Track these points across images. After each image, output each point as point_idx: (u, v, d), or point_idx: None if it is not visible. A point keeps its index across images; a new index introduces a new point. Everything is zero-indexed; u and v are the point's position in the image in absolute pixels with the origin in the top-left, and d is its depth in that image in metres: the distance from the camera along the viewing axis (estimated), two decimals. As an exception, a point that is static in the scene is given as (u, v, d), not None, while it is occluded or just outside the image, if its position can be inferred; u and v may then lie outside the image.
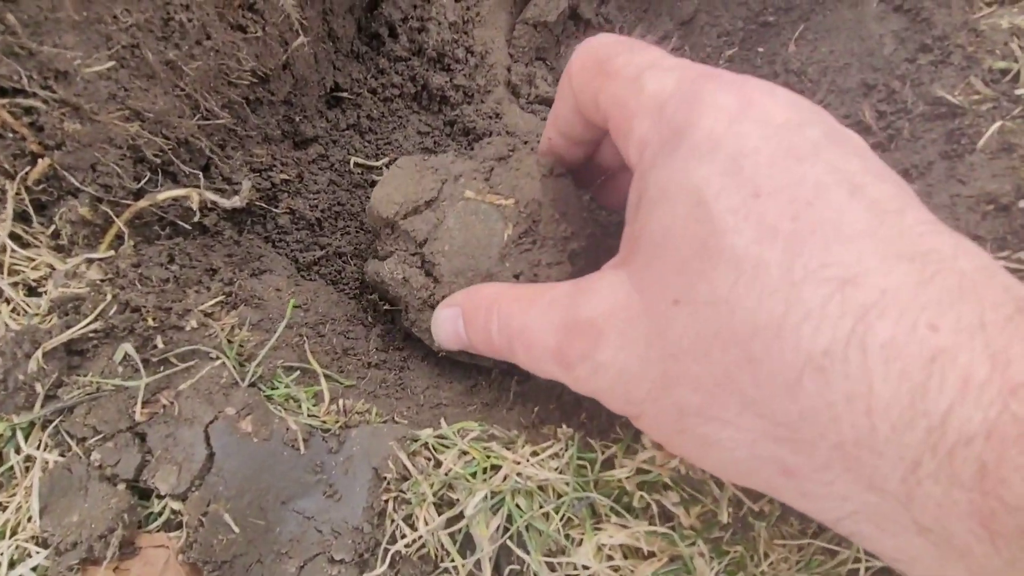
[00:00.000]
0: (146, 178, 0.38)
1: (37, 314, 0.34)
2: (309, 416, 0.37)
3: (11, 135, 0.31)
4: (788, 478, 0.25)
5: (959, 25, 0.45)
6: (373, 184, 0.58)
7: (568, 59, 0.72)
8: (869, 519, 0.23)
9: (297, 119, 0.54)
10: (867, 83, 0.50)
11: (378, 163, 0.58)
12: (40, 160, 0.32)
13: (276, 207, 0.49)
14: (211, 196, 0.39)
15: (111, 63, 0.34)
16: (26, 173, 0.32)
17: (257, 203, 0.47)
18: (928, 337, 0.20)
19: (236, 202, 0.40)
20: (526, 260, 0.44)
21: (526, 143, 0.60)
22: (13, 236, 0.34)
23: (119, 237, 0.36)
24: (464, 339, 0.38)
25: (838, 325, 0.21)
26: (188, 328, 0.36)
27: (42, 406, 0.32)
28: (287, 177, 0.50)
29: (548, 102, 0.65)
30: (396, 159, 0.59)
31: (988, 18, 0.45)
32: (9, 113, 0.30)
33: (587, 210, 0.49)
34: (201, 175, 0.42)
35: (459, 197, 0.46)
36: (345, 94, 0.59)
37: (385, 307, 0.52)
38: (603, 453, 0.35)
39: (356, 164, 0.57)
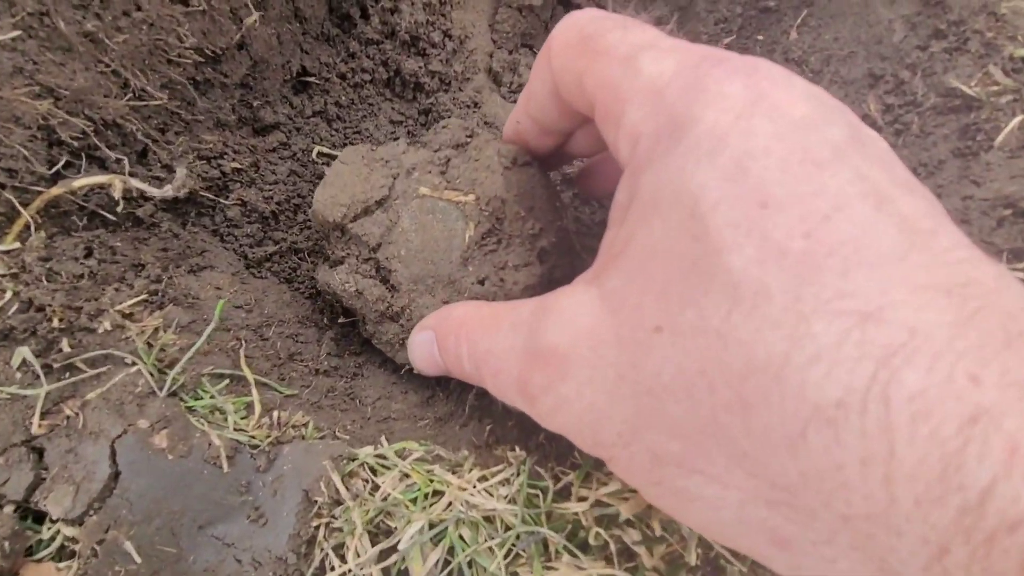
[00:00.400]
0: (63, 162, 0.34)
1: (-70, 311, 0.30)
2: (236, 430, 0.33)
3: None
4: (781, 549, 0.21)
5: (977, 9, 0.40)
6: (339, 175, 0.54)
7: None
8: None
9: (256, 104, 0.51)
10: (873, 73, 0.45)
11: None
12: (-76, 139, 0.28)
13: (226, 198, 0.45)
14: (137, 184, 0.35)
15: (15, 32, 0.30)
16: (-91, 153, 0.28)
17: (204, 193, 0.43)
18: (967, 391, 0.16)
19: (168, 191, 0.37)
20: (491, 263, 0.40)
21: (488, 125, 0.56)
22: (-96, 224, 0.30)
23: (27, 228, 0.33)
24: (441, 365, 0.34)
25: (855, 370, 0.17)
26: (101, 330, 0.32)
27: (-76, 415, 0.29)
28: (239, 166, 0.46)
29: (532, 92, 0.61)
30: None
31: (1010, 1, 0.40)
32: None
33: (556, 202, 0.44)
34: (137, 163, 0.39)
35: (413, 195, 0.41)
36: (313, 79, 0.55)
37: (342, 308, 0.49)
38: (559, 480, 0.31)
39: (320, 154, 0.53)
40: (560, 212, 0.45)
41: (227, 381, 0.35)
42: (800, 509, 0.19)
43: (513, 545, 0.30)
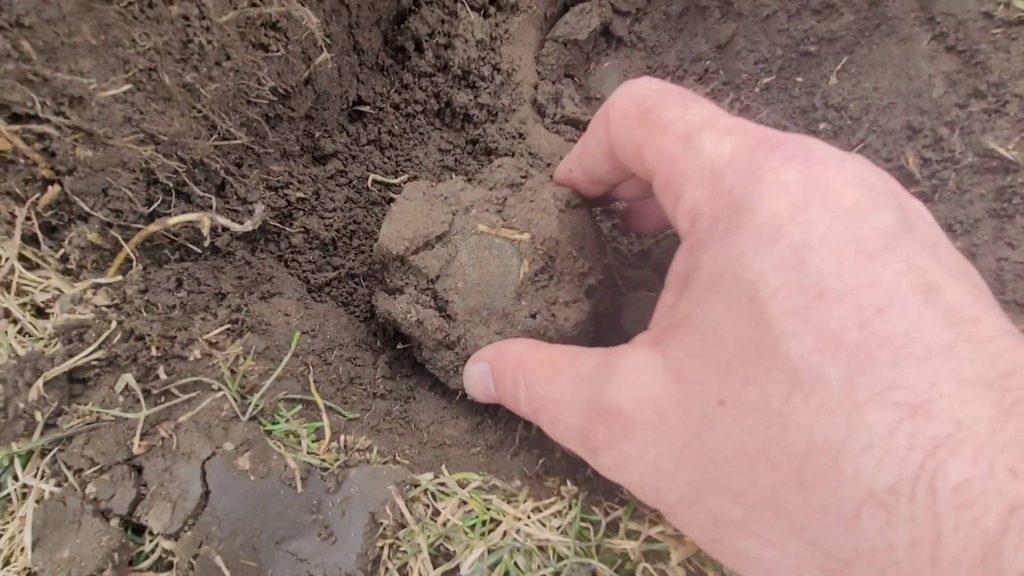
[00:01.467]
0: (159, 200, 0.37)
1: (42, 338, 0.34)
2: (308, 453, 0.36)
3: (23, 161, 0.31)
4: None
5: (1018, 73, 0.42)
6: (390, 201, 0.57)
7: (598, 76, 0.69)
8: None
9: (317, 134, 0.54)
10: (912, 126, 0.47)
11: (396, 180, 0.57)
12: (51, 187, 0.31)
13: (290, 226, 0.48)
14: (222, 221, 0.38)
15: (127, 86, 0.33)
16: (36, 198, 0.32)
17: (271, 222, 0.46)
18: (1007, 483, 0.18)
19: (248, 226, 0.40)
20: (543, 298, 0.43)
21: (543, 162, 0.58)
22: (21, 258, 0.34)
23: (128, 261, 0.36)
24: (494, 396, 0.37)
25: (906, 460, 0.19)
26: (191, 358, 0.35)
27: (41, 435, 0.32)
28: (303, 195, 0.49)
29: (574, 122, 0.63)
30: (415, 176, 0.58)
31: (1051, 67, 0.42)
32: (22, 139, 0.30)
33: (602, 240, 0.47)
34: (215, 196, 0.42)
35: (471, 231, 0.44)
36: (367, 108, 0.58)
37: (394, 331, 0.51)
38: (608, 515, 0.34)
39: (375, 181, 0.56)
40: (605, 250, 0.47)
41: (299, 406, 0.38)
42: None
43: (566, 575, 0.32)
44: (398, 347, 0.49)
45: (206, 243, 0.38)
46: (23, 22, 0.28)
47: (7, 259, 0.33)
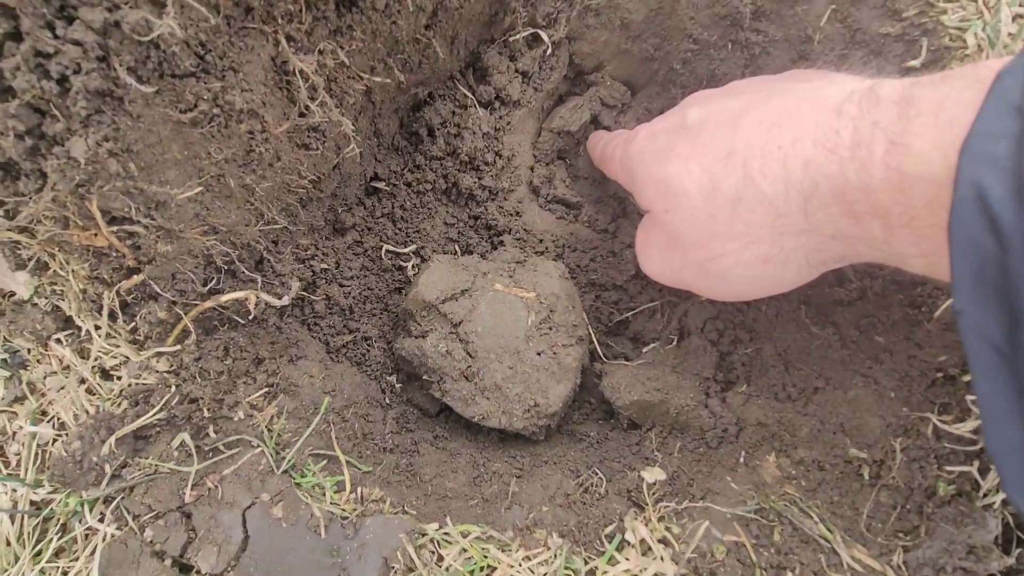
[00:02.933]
0: (213, 280, 0.43)
1: (109, 398, 0.39)
2: (331, 504, 0.42)
3: (115, 254, 0.37)
4: (767, 263, 0.38)
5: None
6: (399, 268, 0.64)
7: (587, 158, 0.77)
8: (812, 248, 0.37)
9: (339, 209, 0.61)
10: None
11: (406, 249, 0.64)
12: (135, 275, 0.37)
13: (314, 294, 0.55)
14: (266, 297, 0.44)
15: (200, 188, 0.40)
16: (121, 284, 0.38)
17: (300, 292, 0.53)
18: (777, 153, 0.35)
19: (285, 300, 0.46)
20: (546, 342, 0.54)
21: (536, 237, 0.66)
22: (96, 328, 0.39)
23: (185, 332, 0.42)
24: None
25: (734, 176, 0.37)
26: (236, 418, 0.41)
27: (108, 484, 0.37)
28: (326, 266, 0.56)
29: (564, 202, 0.71)
30: (422, 247, 0.65)
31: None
32: (116, 237, 0.36)
33: (585, 306, 0.60)
34: (253, 268, 0.48)
35: (489, 289, 0.55)
36: (383, 185, 0.65)
37: (400, 386, 0.58)
38: (587, 563, 0.40)
39: (387, 251, 0.63)
40: (585, 316, 0.60)
41: (324, 461, 0.44)
42: (758, 237, 0.37)
43: (550, 614, 0.38)
44: (400, 388, 0.57)
45: (251, 316, 0.44)
46: (132, 148, 0.35)
47: (86, 330, 0.39)
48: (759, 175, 0.36)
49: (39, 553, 0.36)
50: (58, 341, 0.40)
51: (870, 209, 0.31)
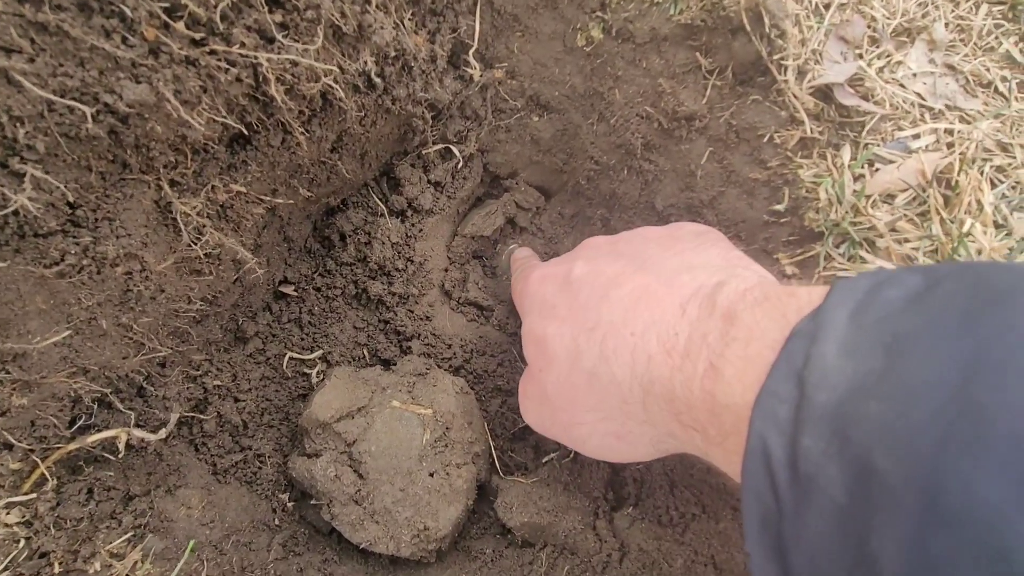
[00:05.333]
0: (81, 419, 0.42)
1: (-50, 556, 0.37)
2: (192, 658, 0.40)
3: (-39, 411, 0.36)
4: (619, 439, 0.40)
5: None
6: (303, 375, 0.64)
7: (504, 257, 0.79)
8: (654, 439, 0.38)
9: (241, 319, 0.60)
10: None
11: (311, 355, 0.64)
12: (-17, 431, 0.36)
13: (205, 412, 0.54)
14: (139, 434, 0.44)
15: (67, 333, 0.40)
16: (-32, 439, 0.36)
17: (187, 413, 0.52)
18: (629, 340, 0.36)
19: (162, 434, 0.45)
20: (439, 461, 0.54)
21: (444, 343, 0.67)
22: (-57, 481, 0.38)
23: (43, 478, 0.40)
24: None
25: (593, 352, 0.39)
26: (91, 571, 0.40)
27: (-66, 657, 0.35)
28: (220, 382, 0.55)
29: (476, 305, 0.73)
30: (329, 351, 0.65)
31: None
32: (-36, 395, 0.35)
33: (485, 421, 0.61)
34: (134, 396, 0.47)
35: (386, 405, 0.56)
36: (291, 290, 0.65)
37: (291, 505, 0.57)
38: None
39: (291, 358, 0.63)
40: (486, 429, 0.61)
41: (189, 608, 0.42)
42: (609, 415, 0.39)
43: None
44: (292, 507, 0.56)
45: (120, 455, 0.43)
46: (-16, 309, 0.34)
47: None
48: (612, 356, 0.37)
49: None
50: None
51: (692, 423, 0.32)
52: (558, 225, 0.80)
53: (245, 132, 0.45)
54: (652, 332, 0.35)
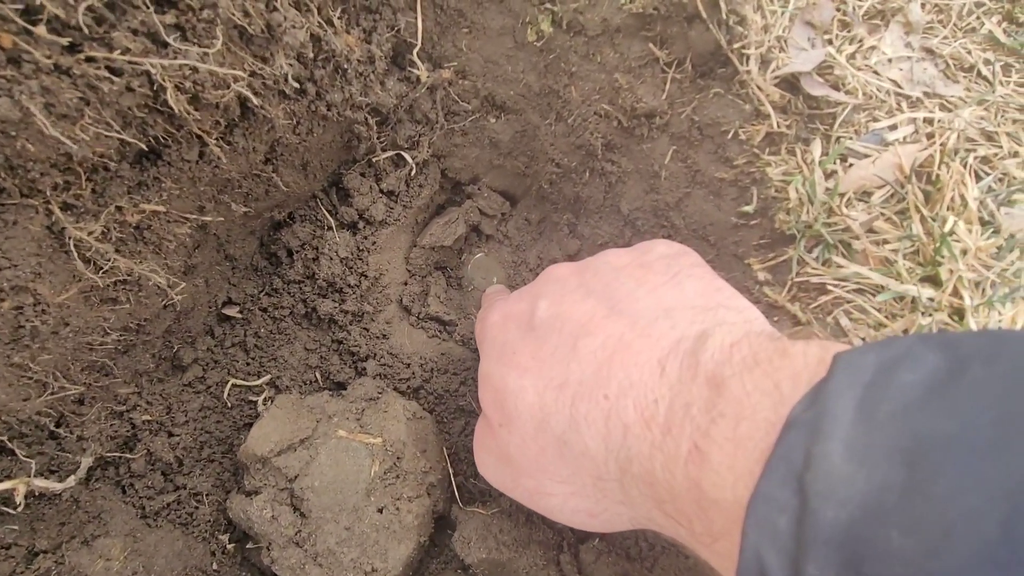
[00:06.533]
0: (-28, 471, 0.38)
1: None
2: None
3: None
4: (593, 517, 0.35)
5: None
6: (249, 403, 0.59)
7: (470, 267, 0.75)
8: (634, 521, 0.34)
9: (176, 346, 0.56)
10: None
11: (259, 381, 0.60)
12: None
13: (133, 451, 0.50)
14: (41, 484, 0.39)
15: (-54, 378, 0.35)
16: None
17: (111, 454, 0.48)
18: (602, 403, 0.32)
19: (70, 483, 0.41)
20: (389, 494, 0.50)
21: (402, 362, 0.63)
22: None
23: (-73, 540, 0.36)
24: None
25: (562, 414, 0.34)
26: (-20, 644, 0.35)
27: None
28: (150, 417, 0.51)
29: (438, 320, 0.69)
30: (278, 376, 0.61)
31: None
32: None
33: (443, 447, 0.56)
34: (45, 438, 0.43)
35: (332, 435, 0.51)
36: (235, 312, 0.61)
37: (232, 547, 0.53)
38: None
39: (234, 385, 0.58)
40: (444, 456, 0.56)
41: (98, 677, 0.38)
42: (582, 491, 0.34)
43: None
44: (232, 549, 0.51)
45: (19, 508, 0.39)
46: None
47: None
48: (584, 423, 0.33)
49: None
50: None
51: (675, 514, 0.28)
52: (525, 232, 0.76)
53: (151, 147, 0.41)
54: (628, 396, 0.31)
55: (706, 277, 0.38)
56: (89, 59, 0.33)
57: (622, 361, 0.32)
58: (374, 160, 0.63)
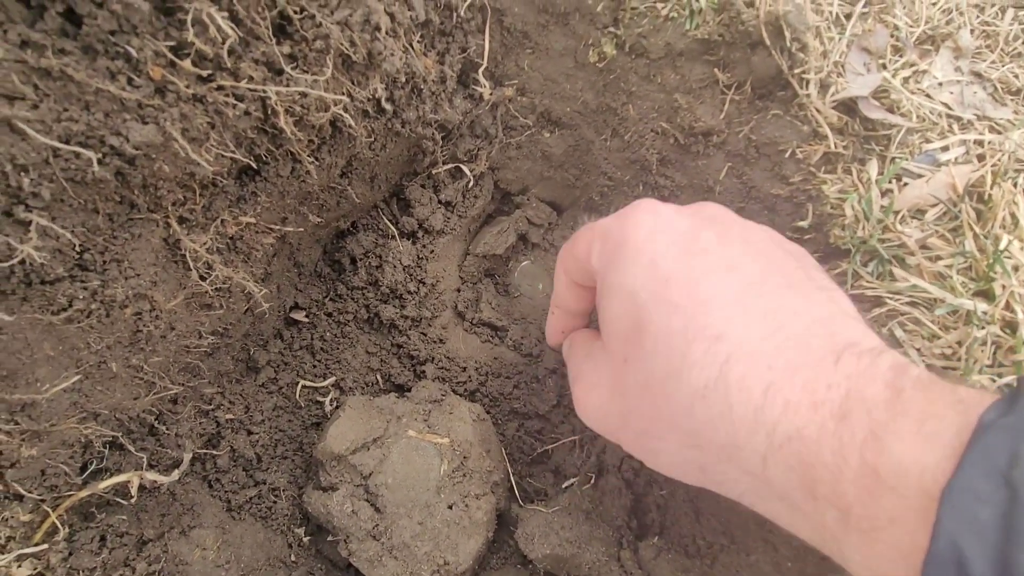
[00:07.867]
0: (93, 464, 0.41)
1: (-39, 613, 0.36)
2: None
3: (-31, 465, 0.35)
4: (703, 472, 0.34)
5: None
6: (316, 403, 0.62)
7: (517, 275, 0.78)
8: (753, 493, 0.32)
9: (252, 348, 0.59)
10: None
11: (324, 383, 0.63)
12: (-7, 483, 0.35)
13: (218, 447, 0.53)
14: (151, 476, 0.42)
15: (77, 378, 0.38)
16: (-23, 493, 0.35)
17: (199, 450, 0.51)
18: (765, 374, 0.30)
19: (175, 476, 0.44)
20: (458, 492, 0.53)
21: (459, 365, 0.66)
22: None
23: (53, 527, 0.39)
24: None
25: (709, 369, 0.31)
26: (105, 624, 0.38)
27: None
28: (232, 416, 0.54)
29: (490, 325, 0.71)
30: (342, 378, 0.64)
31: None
32: (-28, 449, 0.34)
33: (503, 447, 0.60)
34: (146, 435, 0.46)
35: (402, 435, 0.54)
36: (302, 316, 0.64)
37: (309, 539, 0.56)
38: None
39: (304, 387, 0.61)
40: (503, 456, 0.60)
41: (206, 658, 0.41)
42: (703, 447, 0.32)
43: None
44: (308, 542, 0.54)
45: (132, 499, 0.42)
46: (-9, 359, 0.33)
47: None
48: (736, 387, 0.30)
49: None
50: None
51: (831, 496, 0.27)
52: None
53: (254, 164, 0.44)
54: (799, 374, 0.29)
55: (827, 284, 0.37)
56: (219, 88, 0.36)
57: (796, 338, 0.30)
58: (434, 172, 0.66)
